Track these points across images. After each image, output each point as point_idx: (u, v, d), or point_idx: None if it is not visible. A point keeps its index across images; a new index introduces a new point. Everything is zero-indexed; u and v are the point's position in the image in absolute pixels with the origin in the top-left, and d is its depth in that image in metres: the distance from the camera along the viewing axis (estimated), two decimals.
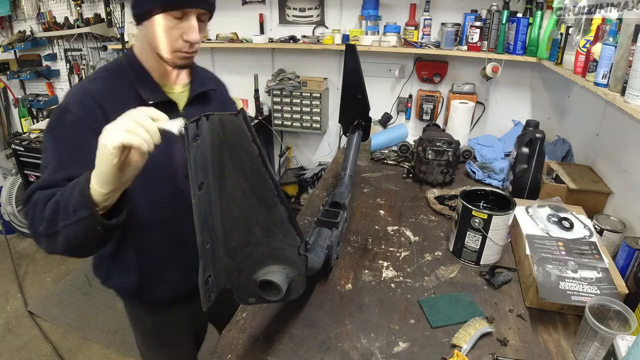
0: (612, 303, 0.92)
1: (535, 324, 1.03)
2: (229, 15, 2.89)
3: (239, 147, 0.67)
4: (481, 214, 1.16)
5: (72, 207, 0.74)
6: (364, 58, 1.93)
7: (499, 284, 1.16)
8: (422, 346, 0.95)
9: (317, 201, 1.66)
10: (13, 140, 3.06)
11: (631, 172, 1.39)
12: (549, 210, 1.29)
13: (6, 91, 3.76)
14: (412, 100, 2.68)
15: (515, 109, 2.47)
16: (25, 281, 2.90)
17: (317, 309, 1.07)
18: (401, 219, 1.52)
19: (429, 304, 1.08)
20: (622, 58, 1.14)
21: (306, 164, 3.18)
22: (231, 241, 0.75)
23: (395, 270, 1.23)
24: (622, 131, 1.51)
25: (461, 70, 2.53)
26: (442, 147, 1.73)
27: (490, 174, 1.85)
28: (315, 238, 1.13)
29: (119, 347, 2.30)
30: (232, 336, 0.98)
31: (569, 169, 1.67)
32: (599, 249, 1.13)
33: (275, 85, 2.80)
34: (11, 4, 3.36)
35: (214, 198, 0.71)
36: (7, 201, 3.29)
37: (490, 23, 2.18)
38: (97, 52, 3.31)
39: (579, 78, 1.43)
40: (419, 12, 2.43)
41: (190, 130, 0.62)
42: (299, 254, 0.78)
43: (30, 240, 3.40)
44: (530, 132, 1.54)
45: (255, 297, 0.80)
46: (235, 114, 0.65)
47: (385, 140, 2.26)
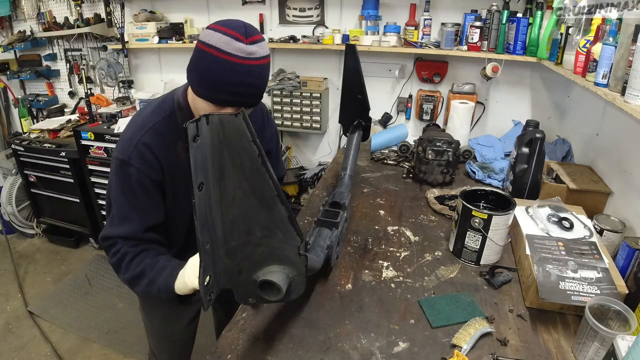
0: (612, 303, 0.92)
1: (535, 324, 1.03)
2: (229, 15, 2.87)
3: (239, 148, 0.67)
4: (481, 214, 1.16)
5: (156, 287, 0.97)
6: (364, 58, 1.94)
7: (499, 284, 1.16)
8: (422, 346, 0.95)
9: (317, 201, 1.66)
10: (13, 140, 3.06)
11: (631, 172, 1.39)
12: (549, 210, 1.29)
13: (6, 91, 3.76)
14: (412, 100, 2.68)
15: (515, 109, 2.47)
16: (25, 281, 2.90)
17: (317, 309, 1.07)
18: (401, 219, 1.52)
19: (429, 304, 1.08)
20: (622, 58, 1.14)
21: (306, 164, 3.18)
22: (231, 241, 0.75)
23: (395, 270, 1.23)
24: (622, 131, 1.51)
25: (461, 70, 2.52)
26: (442, 147, 1.73)
27: (490, 174, 1.85)
28: (315, 238, 1.13)
29: (119, 347, 2.30)
30: (232, 336, 0.98)
31: (569, 169, 1.67)
32: (599, 249, 1.12)
33: (275, 85, 2.80)
34: (11, 4, 3.36)
35: (214, 198, 0.71)
36: (7, 201, 3.29)
37: (490, 23, 2.18)
38: (97, 52, 3.31)
39: (579, 78, 1.43)
40: (419, 12, 2.43)
41: (190, 131, 0.62)
42: (299, 254, 0.78)
43: (30, 240, 3.41)
44: (530, 132, 1.54)
45: (255, 297, 0.80)
46: (235, 115, 0.65)
47: (385, 140, 2.26)
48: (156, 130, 1.02)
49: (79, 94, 3.57)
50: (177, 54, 3.13)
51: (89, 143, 2.78)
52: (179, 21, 2.97)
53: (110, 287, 2.80)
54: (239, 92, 0.92)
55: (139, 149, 1.00)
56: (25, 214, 3.41)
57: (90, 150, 2.81)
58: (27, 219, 3.43)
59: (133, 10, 3.05)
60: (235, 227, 0.74)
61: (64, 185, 3.01)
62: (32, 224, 3.43)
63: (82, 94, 3.30)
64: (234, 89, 0.91)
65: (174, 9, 3.04)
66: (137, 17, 2.94)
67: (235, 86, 0.91)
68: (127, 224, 1.02)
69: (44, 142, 2.96)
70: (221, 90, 0.91)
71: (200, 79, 0.92)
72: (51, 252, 3.26)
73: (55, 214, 3.26)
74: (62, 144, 2.91)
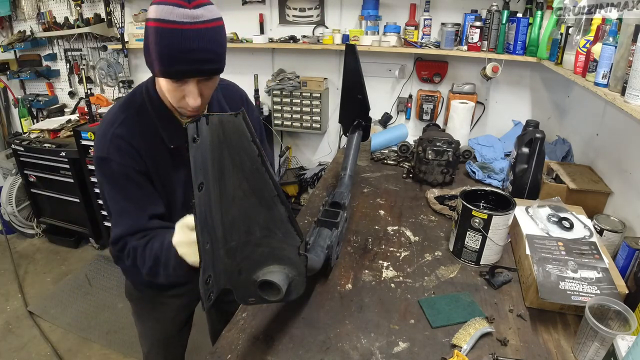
0: (612, 303, 0.92)
1: (535, 324, 1.03)
2: (229, 15, 2.88)
3: (239, 148, 0.67)
4: (481, 214, 1.16)
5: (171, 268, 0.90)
6: (364, 58, 1.93)
7: (499, 284, 1.16)
8: (422, 346, 0.95)
9: (317, 201, 1.66)
10: (13, 140, 3.06)
11: (631, 172, 1.39)
12: (549, 210, 1.29)
13: (6, 91, 3.76)
14: (412, 100, 2.68)
15: (515, 109, 2.47)
16: (25, 281, 2.90)
17: (317, 309, 1.07)
18: (401, 219, 1.52)
19: (429, 304, 1.08)
20: (622, 58, 1.14)
21: (306, 164, 3.18)
22: (231, 241, 0.75)
23: (395, 270, 1.23)
24: (622, 131, 1.51)
25: (461, 70, 2.52)
26: (442, 147, 1.73)
27: (490, 174, 1.85)
28: (315, 238, 1.13)
29: (119, 347, 2.30)
30: (232, 336, 0.98)
31: (569, 169, 1.67)
32: (599, 249, 1.12)
33: (275, 85, 2.80)
34: (11, 4, 3.36)
35: (214, 198, 0.71)
36: (7, 201, 3.29)
37: (490, 23, 2.18)
38: (97, 52, 3.31)
39: (579, 78, 1.43)
40: (419, 12, 2.43)
41: (190, 131, 0.62)
42: (299, 254, 0.78)
43: (30, 240, 3.41)
44: (530, 132, 1.54)
45: (255, 297, 0.80)
46: (235, 115, 0.65)
47: (385, 140, 2.26)
48: (128, 122, 1.01)
49: (79, 94, 3.58)
50: None
51: (89, 143, 2.78)
52: None
53: (110, 287, 2.80)
54: (194, 59, 0.87)
55: (114, 142, 0.98)
56: (25, 214, 3.41)
57: (90, 150, 2.81)
58: (27, 219, 3.43)
59: (133, 10, 3.05)
60: (235, 227, 0.74)
61: (64, 185, 3.01)
62: (32, 224, 3.43)
63: (82, 94, 3.30)
64: (187, 57, 0.87)
65: None
66: (137, 17, 2.94)
67: (189, 53, 0.86)
68: (127, 218, 1.00)
69: (44, 142, 2.96)
70: (175, 61, 0.87)
71: (154, 56, 0.88)
72: (51, 252, 3.26)
73: (55, 214, 3.26)
74: (62, 144, 2.91)
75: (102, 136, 1.00)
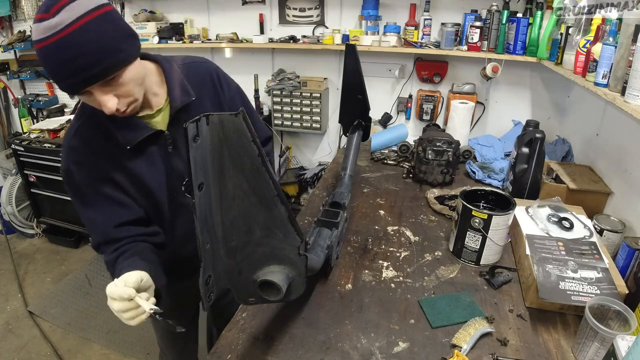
0: (612, 303, 0.92)
1: (535, 324, 1.03)
2: (229, 15, 2.89)
3: (239, 147, 0.67)
4: (481, 214, 1.16)
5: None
6: (364, 58, 1.93)
7: (499, 284, 1.16)
8: (422, 346, 0.95)
9: (317, 201, 1.66)
10: (13, 140, 3.06)
11: (631, 172, 1.39)
12: (549, 210, 1.29)
13: (6, 91, 3.76)
14: (412, 100, 2.68)
15: (515, 109, 2.47)
16: (25, 281, 2.90)
17: (317, 309, 1.07)
18: (401, 219, 1.52)
19: (429, 304, 1.08)
20: (622, 58, 1.14)
21: (306, 164, 3.18)
22: (231, 241, 0.75)
23: (395, 270, 1.23)
24: (622, 131, 1.51)
25: (461, 70, 2.52)
26: (442, 147, 1.73)
27: (490, 174, 1.85)
28: (315, 238, 1.13)
29: (119, 347, 2.30)
30: (232, 336, 0.98)
31: (569, 169, 1.67)
32: (599, 249, 1.12)
33: (275, 85, 2.80)
34: (11, 4, 3.36)
35: (214, 198, 0.71)
36: (7, 201, 3.29)
37: (490, 23, 2.18)
38: None
39: (579, 78, 1.43)
40: (419, 12, 2.43)
41: (190, 131, 0.62)
42: (299, 254, 0.78)
43: (30, 240, 3.41)
44: (530, 132, 1.53)
45: (255, 297, 0.80)
46: (235, 114, 0.65)
47: (385, 140, 2.26)
48: (82, 130, 1.00)
49: None
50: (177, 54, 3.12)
51: None
52: (179, 21, 2.97)
53: None
54: (74, 68, 0.80)
55: (71, 155, 0.99)
56: (25, 214, 3.41)
57: None
58: (27, 219, 3.43)
59: (133, 10, 3.05)
60: (235, 227, 0.74)
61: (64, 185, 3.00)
62: (32, 224, 3.43)
63: None
64: (67, 70, 0.80)
65: (174, 9, 3.04)
66: (137, 17, 2.94)
67: (66, 66, 0.79)
68: (95, 228, 1.02)
69: (44, 142, 2.96)
70: (61, 77, 0.82)
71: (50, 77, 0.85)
72: (51, 252, 3.26)
73: (55, 214, 3.26)
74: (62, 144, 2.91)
75: (63, 148, 1.01)
